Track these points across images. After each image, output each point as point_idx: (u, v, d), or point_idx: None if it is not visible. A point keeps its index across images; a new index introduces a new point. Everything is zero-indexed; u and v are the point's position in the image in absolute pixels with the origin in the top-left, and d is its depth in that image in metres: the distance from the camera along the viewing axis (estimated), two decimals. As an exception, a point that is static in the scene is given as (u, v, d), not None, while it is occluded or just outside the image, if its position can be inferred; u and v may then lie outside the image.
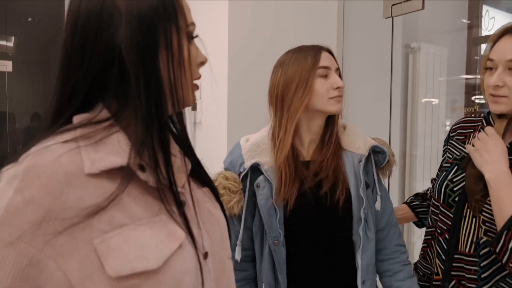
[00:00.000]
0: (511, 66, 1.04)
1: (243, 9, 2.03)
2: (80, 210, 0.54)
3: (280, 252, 1.09)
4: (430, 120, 2.61)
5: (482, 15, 3.04)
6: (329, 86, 1.10)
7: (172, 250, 0.59)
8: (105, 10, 0.60)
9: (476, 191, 1.08)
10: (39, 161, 0.54)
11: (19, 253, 0.51)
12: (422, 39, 2.53)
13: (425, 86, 2.56)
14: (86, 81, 0.61)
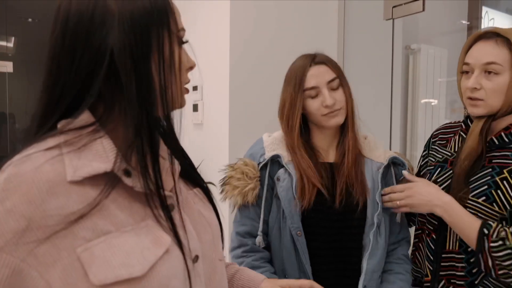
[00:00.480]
0: (487, 69, 1.08)
1: (244, 9, 2.04)
2: (62, 218, 0.53)
3: (302, 242, 1.12)
4: (430, 121, 2.63)
5: (481, 16, 3.05)
6: (319, 105, 1.14)
7: (158, 256, 0.59)
8: (97, 12, 0.59)
9: (461, 188, 1.11)
10: (20, 170, 0.53)
11: (2, 263, 0.51)
12: (422, 41, 2.54)
13: (425, 87, 2.58)
14: (75, 85, 0.60)
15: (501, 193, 1.06)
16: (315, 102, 1.15)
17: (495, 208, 1.06)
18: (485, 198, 1.07)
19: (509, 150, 1.10)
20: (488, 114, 1.12)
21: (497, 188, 1.07)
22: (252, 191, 1.14)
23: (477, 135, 1.12)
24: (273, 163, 1.17)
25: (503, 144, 1.12)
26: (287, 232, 1.12)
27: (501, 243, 1.01)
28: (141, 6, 0.60)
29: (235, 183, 1.15)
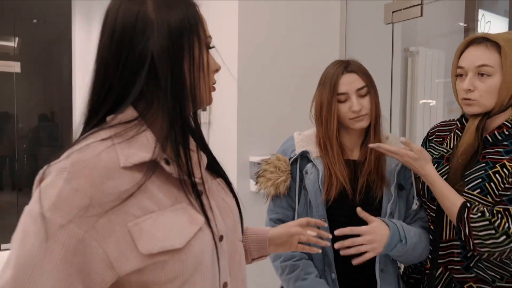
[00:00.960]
0: (479, 72, 1.18)
1: (253, 9, 2.12)
2: (117, 196, 0.64)
3: (326, 229, 1.23)
4: (428, 120, 2.70)
5: (478, 19, 3.14)
6: (347, 109, 1.26)
7: (193, 232, 0.69)
8: (139, 21, 0.69)
9: (457, 181, 1.20)
10: (82, 156, 0.64)
11: (70, 234, 0.60)
12: (420, 43, 2.62)
13: (423, 88, 2.65)
14: (120, 84, 0.70)
15: (493, 185, 1.15)
16: (344, 106, 1.27)
17: (489, 199, 1.15)
18: (480, 191, 1.16)
19: (502, 147, 1.19)
20: (483, 113, 1.21)
21: (490, 181, 1.16)
22: (284, 183, 1.27)
23: (473, 132, 1.21)
24: (302, 158, 1.29)
25: (496, 142, 1.20)
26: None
27: (480, 215, 1.12)
28: (175, 16, 0.70)
29: (268, 175, 1.28)
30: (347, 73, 1.27)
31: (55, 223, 0.60)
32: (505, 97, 1.17)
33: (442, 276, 1.26)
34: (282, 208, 1.31)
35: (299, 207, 1.29)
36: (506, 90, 1.16)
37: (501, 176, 1.15)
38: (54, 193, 0.61)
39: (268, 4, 2.17)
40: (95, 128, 0.70)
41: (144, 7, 0.70)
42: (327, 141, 1.29)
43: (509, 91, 1.16)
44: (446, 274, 1.25)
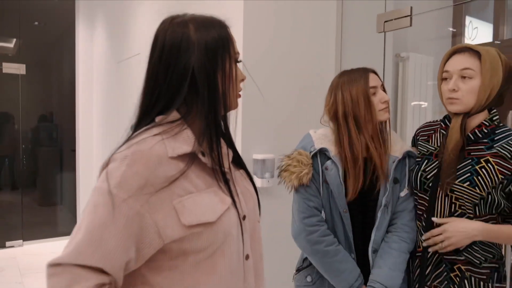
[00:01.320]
0: (462, 74, 1.37)
1: (257, 13, 2.27)
2: (165, 179, 0.81)
3: (347, 217, 1.43)
4: (418, 122, 2.85)
5: (465, 25, 3.31)
6: (378, 101, 1.41)
7: (223, 210, 0.87)
8: (183, 42, 0.88)
9: (449, 173, 1.37)
10: (140, 148, 0.82)
11: (130, 207, 0.78)
12: (411, 49, 2.77)
13: (414, 91, 2.81)
14: (168, 92, 0.88)
15: (481, 178, 1.33)
16: (375, 99, 1.42)
17: (477, 191, 1.33)
18: (469, 183, 1.34)
19: (483, 144, 1.38)
20: (464, 112, 1.39)
21: (478, 175, 1.33)
22: (307, 175, 1.42)
23: (458, 130, 1.38)
24: (321, 154, 1.44)
25: (477, 139, 1.39)
26: (336, 210, 1.42)
27: None
28: (211, 37, 0.89)
29: (292, 169, 1.42)
30: (371, 72, 1.45)
31: (119, 197, 0.78)
32: (483, 98, 1.35)
33: (433, 258, 1.43)
34: (314, 196, 1.45)
35: (322, 197, 1.45)
36: (484, 91, 1.35)
37: (486, 170, 1.33)
38: (118, 175, 0.79)
39: (272, 13, 2.33)
40: (147, 126, 0.88)
41: (187, 29, 0.89)
42: (367, 132, 1.41)
43: (486, 92, 1.35)
44: (435, 256, 1.42)
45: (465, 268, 1.37)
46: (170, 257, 0.85)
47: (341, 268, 1.40)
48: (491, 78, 1.35)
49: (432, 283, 1.42)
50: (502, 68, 1.37)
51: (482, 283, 1.36)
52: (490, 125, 1.39)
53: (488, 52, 1.36)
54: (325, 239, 1.42)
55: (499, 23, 3.13)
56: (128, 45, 4.13)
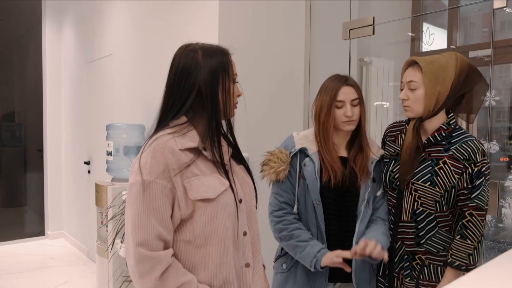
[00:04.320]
0: (409, 86, 1.55)
1: (233, 15, 2.38)
2: (179, 165, 1.09)
3: (319, 209, 1.57)
4: (381, 120, 3.05)
5: (423, 31, 3.53)
6: (341, 114, 1.55)
7: (222, 190, 1.13)
8: (193, 64, 1.15)
9: (407, 174, 1.54)
10: (158, 143, 1.09)
11: (159, 184, 1.06)
12: (373, 54, 2.97)
13: (376, 92, 3.01)
14: (180, 101, 1.16)
15: (440, 178, 1.50)
16: (339, 111, 1.57)
17: (437, 189, 1.50)
18: (430, 183, 1.50)
19: (441, 146, 1.53)
20: (417, 117, 1.56)
21: (437, 175, 1.50)
22: (284, 171, 1.58)
23: (411, 132, 1.55)
24: (301, 153, 1.59)
25: (437, 142, 1.54)
26: (310, 202, 1.56)
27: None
28: (215, 61, 1.16)
29: (272, 164, 1.59)
30: (346, 85, 1.58)
31: (149, 180, 1.06)
32: (430, 104, 1.51)
33: (400, 248, 1.59)
34: (285, 191, 1.61)
35: (298, 191, 1.59)
36: (429, 99, 1.51)
37: (444, 171, 1.50)
38: (147, 166, 1.07)
39: (247, 19, 2.45)
40: (163, 127, 1.15)
41: (196, 55, 1.16)
42: (324, 138, 1.58)
43: (431, 100, 1.51)
44: (403, 247, 1.59)
45: (425, 257, 1.55)
46: (185, 226, 1.11)
47: (302, 245, 1.55)
48: (434, 86, 1.50)
49: (400, 270, 1.60)
50: (454, 73, 1.50)
51: (439, 268, 1.54)
52: (448, 128, 1.54)
53: (432, 63, 1.51)
54: (289, 226, 1.59)
55: (453, 30, 3.37)
56: (100, 45, 4.14)
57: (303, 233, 1.57)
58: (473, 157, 1.49)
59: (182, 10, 2.65)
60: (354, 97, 1.57)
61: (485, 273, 0.85)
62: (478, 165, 1.49)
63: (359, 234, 1.58)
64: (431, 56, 1.56)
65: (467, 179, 1.50)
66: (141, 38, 3.32)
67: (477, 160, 1.49)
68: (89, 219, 4.41)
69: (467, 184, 1.50)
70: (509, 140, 3.03)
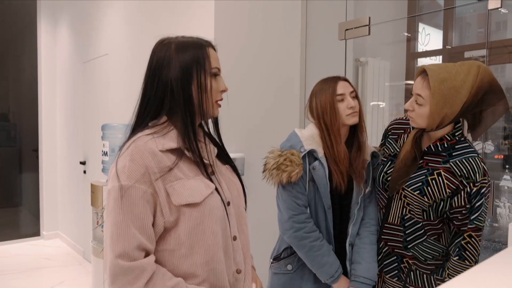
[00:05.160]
0: (416, 99, 1.45)
1: (229, 15, 2.37)
2: (161, 169, 1.00)
3: (330, 213, 1.57)
4: (376, 119, 3.07)
5: (419, 31, 3.55)
6: (345, 107, 1.54)
7: (207, 193, 1.04)
8: (165, 59, 1.06)
9: (398, 179, 1.51)
10: (136, 144, 1.00)
11: (138, 189, 0.97)
12: (369, 54, 2.97)
13: (372, 92, 3.02)
14: (155, 100, 1.07)
15: (430, 189, 1.45)
16: (342, 105, 1.55)
17: (425, 199, 1.46)
18: (419, 192, 1.46)
19: (441, 157, 1.45)
20: (419, 126, 1.47)
21: (428, 186, 1.45)
22: (297, 174, 1.52)
23: (411, 141, 1.49)
24: (309, 155, 1.55)
25: (437, 151, 1.46)
26: (321, 206, 1.55)
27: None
28: (188, 55, 1.06)
29: (283, 168, 1.51)
30: (340, 80, 1.58)
31: (127, 185, 0.97)
32: (433, 123, 1.41)
33: (383, 249, 1.59)
34: (302, 194, 1.56)
35: (308, 194, 1.56)
36: (433, 119, 1.40)
37: (436, 183, 1.44)
38: (126, 170, 0.98)
39: (243, 19, 2.45)
40: (141, 127, 1.07)
41: (169, 50, 1.07)
42: (333, 140, 1.54)
43: (435, 120, 1.40)
44: (386, 248, 1.58)
45: (412, 262, 1.53)
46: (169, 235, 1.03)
47: (323, 261, 1.55)
48: (441, 108, 1.38)
49: (381, 270, 1.60)
50: (467, 95, 1.36)
51: (425, 276, 1.52)
52: (452, 139, 1.45)
53: (445, 82, 1.36)
54: (311, 235, 1.56)
55: (448, 30, 3.38)
56: (95, 45, 4.12)
57: (323, 247, 1.56)
58: (473, 176, 1.40)
59: (178, 10, 2.64)
60: (351, 89, 1.59)
61: (482, 272, 0.85)
62: (477, 185, 1.40)
63: (352, 237, 1.61)
64: (446, 69, 1.40)
65: (465, 198, 1.42)
66: (137, 38, 3.32)
67: (477, 180, 1.39)
68: (84, 220, 4.39)
69: (465, 203, 1.42)
70: (504, 140, 3.04)
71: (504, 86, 3.17)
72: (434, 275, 1.52)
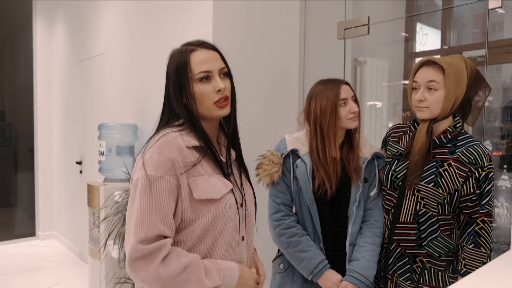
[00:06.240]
0: (429, 86, 1.50)
1: (226, 16, 2.37)
2: (186, 164, 1.06)
3: (314, 209, 1.57)
4: (374, 120, 3.06)
5: (416, 31, 3.55)
6: (347, 111, 1.55)
7: (226, 191, 1.11)
8: (167, 70, 1.15)
9: (415, 173, 1.52)
10: (166, 139, 1.06)
11: (166, 181, 1.02)
12: (368, 54, 2.96)
13: (370, 92, 3.02)
14: (165, 108, 1.16)
15: (444, 180, 1.48)
16: (344, 109, 1.57)
17: (440, 191, 1.48)
18: (433, 184, 1.48)
19: (447, 148, 1.52)
20: (431, 118, 1.52)
21: (441, 177, 1.48)
22: (276, 173, 1.57)
23: (425, 134, 1.52)
24: (293, 154, 1.59)
25: (442, 144, 1.53)
26: (304, 203, 1.56)
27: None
28: (171, 67, 1.13)
29: (264, 167, 1.59)
30: (343, 84, 1.59)
31: (155, 176, 1.02)
32: (448, 106, 1.49)
33: (395, 250, 1.58)
34: (281, 192, 1.60)
35: (292, 192, 1.59)
36: (448, 101, 1.48)
37: (448, 173, 1.48)
38: (153, 162, 1.03)
39: (241, 18, 2.44)
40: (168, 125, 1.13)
41: (168, 62, 1.15)
42: (329, 139, 1.56)
43: (450, 102, 1.48)
44: (398, 249, 1.57)
45: (426, 260, 1.53)
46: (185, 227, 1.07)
47: (301, 257, 1.56)
48: (455, 89, 1.47)
49: (394, 273, 1.59)
50: (467, 77, 1.48)
51: (440, 273, 1.53)
52: (454, 131, 1.53)
53: (452, 65, 1.48)
54: (287, 232, 1.58)
55: (446, 30, 3.38)
56: (91, 44, 4.10)
57: (300, 243, 1.56)
58: (480, 162, 1.47)
59: (176, 9, 2.62)
60: (352, 94, 1.60)
61: (487, 273, 0.84)
62: (485, 170, 1.47)
63: (352, 236, 1.59)
64: (445, 58, 1.53)
65: (474, 184, 1.47)
66: (134, 37, 3.29)
67: (484, 164, 1.47)
68: (81, 220, 4.36)
69: (474, 189, 1.47)
70: (502, 139, 3.05)
71: (501, 86, 3.18)
72: (447, 272, 1.53)
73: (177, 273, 1.00)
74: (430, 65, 1.51)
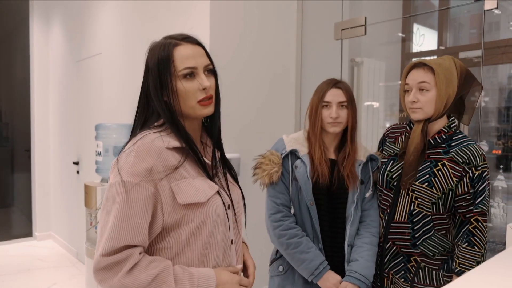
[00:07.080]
0: (420, 87, 1.53)
1: (224, 15, 2.37)
2: (167, 167, 0.98)
3: (314, 210, 1.58)
4: (371, 120, 3.07)
5: (413, 31, 3.56)
6: (327, 115, 1.57)
7: (212, 194, 1.03)
8: (146, 65, 1.07)
9: (410, 173, 1.54)
10: (144, 142, 0.98)
11: (143, 188, 0.95)
12: (364, 55, 2.97)
13: (367, 92, 3.02)
14: (143, 107, 1.09)
15: (438, 180, 1.50)
16: (326, 112, 1.60)
17: (434, 191, 1.50)
18: (427, 184, 1.50)
19: (441, 148, 1.54)
20: (425, 118, 1.54)
21: (435, 177, 1.50)
22: (276, 173, 1.58)
23: (420, 134, 1.54)
24: (292, 155, 1.59)
25: (436, 144, 1.56)
26: (304, 203, 1.56)
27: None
28: (153, 61, 1.04)
29: (264, 167, 1.58)
30: (334, 88, 1.60)
31: (131, 183, 0.94)
32: (440, 106, 1.51)
33: (391, 249, 1.60)
34: (281, 193, 1.61)
35: (291, 193, 1.60)
36: (440, 101, 1.51)
37: (442, 173, 1.50)
38: (128, 166, 0.95)
39: (239, 19, 2.44)
40: (146, 125, 1.06)
41: (148, 55, 1.07)
42: (314, 138, 1.60)
43: (443, 101, 1.51)
44: (393, 248, 1.59)
45: (420, 259, 1.54)
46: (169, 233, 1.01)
47: (301, 258, 1.55)
48: (446, 88, 1.50)
49: (390, 271, 1.60)
50: (457, 76, 1.51)
51: (434, 272, 1.54)
52: (448, 131, 1.55)
53: (441, 65, 1.51)
54: (287, 233, 1.57)
55: (443, 31, 3.39)
56: (88, 44, 4.09)
57: (300, 244, 1.57)
58: (473, 161, 1.49)
59: (173, 10, 2.62)
60: (342, 99, 1.59)
61: (482, 273, 0.85)
62: (479, 169, 1.49)
63: (350, 237, 1.61)
64: (434, 59, 1.56)
65: (468, 184, 1.50)
66: (131, 37, 3.29)
67: (478, 164, 1.49)
68: (77, 220, 4.35)
69: (468, 188, 1.50)
70: (498, 140, 3.06)
71: (497, 87, 3.19)
72: (441, 272, 1.54)
73: (145, 285, 0.93)
74: (420, 67, 1.54)
